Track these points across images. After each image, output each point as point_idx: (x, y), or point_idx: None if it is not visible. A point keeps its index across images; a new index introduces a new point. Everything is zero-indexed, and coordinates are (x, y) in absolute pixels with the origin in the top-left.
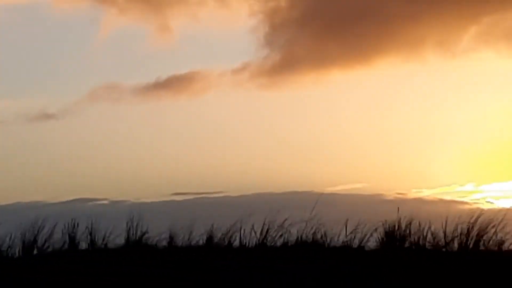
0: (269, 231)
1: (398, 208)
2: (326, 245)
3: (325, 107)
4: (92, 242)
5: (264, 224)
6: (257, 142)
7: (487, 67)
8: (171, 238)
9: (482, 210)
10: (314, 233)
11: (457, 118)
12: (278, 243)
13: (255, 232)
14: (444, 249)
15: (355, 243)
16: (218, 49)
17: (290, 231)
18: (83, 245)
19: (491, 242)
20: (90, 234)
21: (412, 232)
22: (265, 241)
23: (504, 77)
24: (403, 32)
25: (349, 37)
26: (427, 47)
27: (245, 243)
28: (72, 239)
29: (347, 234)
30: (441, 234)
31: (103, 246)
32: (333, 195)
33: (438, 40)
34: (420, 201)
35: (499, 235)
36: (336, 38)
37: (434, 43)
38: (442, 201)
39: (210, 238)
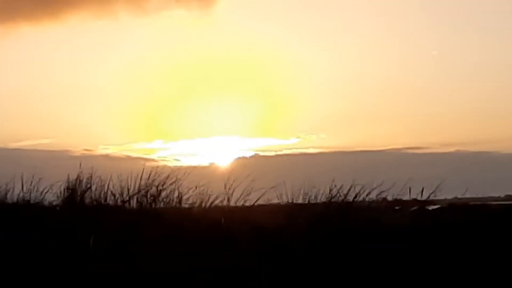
0: None
1: (80, 163)
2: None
3: (12, 61)
4: None
5: None
6: None
7: (178, 24)
8: None
9: (167, 167)
10: None
11: (146, 74)
12: None
13: None
14: (124, 206)
15: (33, 199)
16: None
17: None
18: None
19: (169, 199)
20: None
21: (93, 188)
22: None
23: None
24: None
25: None
26: (119, 3)
27: None
28: None
29: (25, 190)
30: (122, 191)
31: None
32: (18, 150)
33: None
34: (107, 157)
35: (178, 192)
36: None
37: (126, 0)
38: (129, 158)
39: None
